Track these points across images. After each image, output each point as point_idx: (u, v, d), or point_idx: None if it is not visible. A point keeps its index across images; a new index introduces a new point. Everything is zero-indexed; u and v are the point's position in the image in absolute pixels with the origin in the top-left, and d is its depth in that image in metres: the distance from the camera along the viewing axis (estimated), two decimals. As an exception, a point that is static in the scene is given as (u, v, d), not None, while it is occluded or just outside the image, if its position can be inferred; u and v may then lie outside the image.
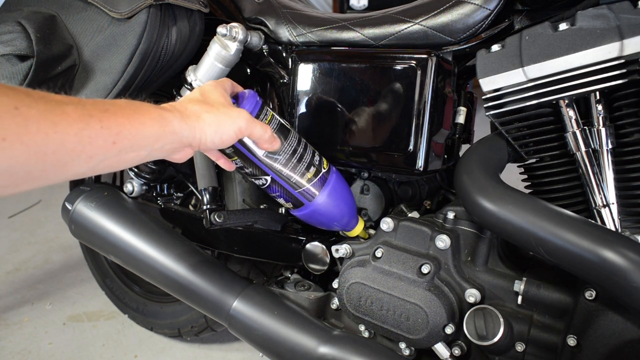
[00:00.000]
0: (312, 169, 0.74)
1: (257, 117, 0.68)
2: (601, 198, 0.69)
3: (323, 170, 0.76)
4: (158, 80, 0.96)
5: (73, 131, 0.44)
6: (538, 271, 0.75)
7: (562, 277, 0.71)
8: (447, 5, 0.76)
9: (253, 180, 0.75)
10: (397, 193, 0.94)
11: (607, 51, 0.61)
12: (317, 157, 0.77)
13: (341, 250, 0.85)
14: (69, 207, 1.05)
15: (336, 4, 3.92)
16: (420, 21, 0.78)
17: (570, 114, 0.68)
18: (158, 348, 1.37)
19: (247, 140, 0.69)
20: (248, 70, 1.01)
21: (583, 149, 0.68)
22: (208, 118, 0.58)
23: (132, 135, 0.50)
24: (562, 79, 0.65)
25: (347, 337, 0.80)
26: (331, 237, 0.92)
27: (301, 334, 0.80)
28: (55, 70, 0.83)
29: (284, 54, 0.95)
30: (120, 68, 0.84)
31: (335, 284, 0.87)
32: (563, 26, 0.64)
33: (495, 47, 0.70)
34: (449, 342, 0.74)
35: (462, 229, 0.77)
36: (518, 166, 0.79)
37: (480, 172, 0.69)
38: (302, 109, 0.89)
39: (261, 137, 0.65)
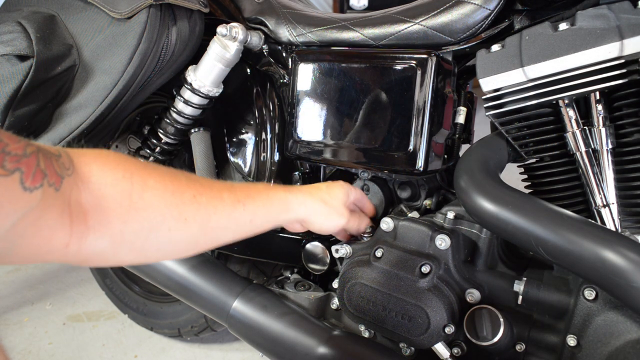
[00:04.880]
0: None
1: None
2: (601, 198, 0.69)
3: None
4: (158, 80, 0.96)
5: (226, 213, 0.59)
6: (538, 271, 0.75)
7: (562, 276, 0.72)
8: (447, 5, 0.76)
9: None
10: (397, 193, 0.94)
11: (607, 51, 0.61)
12: None
13: (341, 250, 0.85)
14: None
15: (336, 4, 3.92)
16: (420, 21, 0.78)
17: (570, 114, 0.68)
18: (158, 348, 1.37)
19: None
20: (248, 70, 1.01)
21: (583, 149, 0.68)
22: (319, 209, 0.74)
23: (264, 215, 0.65)
24: (562, 79, 0.65)
25: (347, 337, 0.80)
26: (331, 237, 0.92)
27: (301, 334, 0.80)
28: (55, 70, 0.83)
29: (284, 54, 0.95)
30: (121, 68, 0.84)
31: (335, 284, 0.87)
32: (563, 26, 0.64)
33: (495, 47, 0.70)
34: (449, 342, 0.74)
35: (462, 229, 0.77)
36: (518, 166, 0.79)
37: (480, 172, 0.69)
38: (302, 109, 0.89)
39: (357, 230, 0.83)
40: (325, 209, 0.75)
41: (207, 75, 0.93)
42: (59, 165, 0.42)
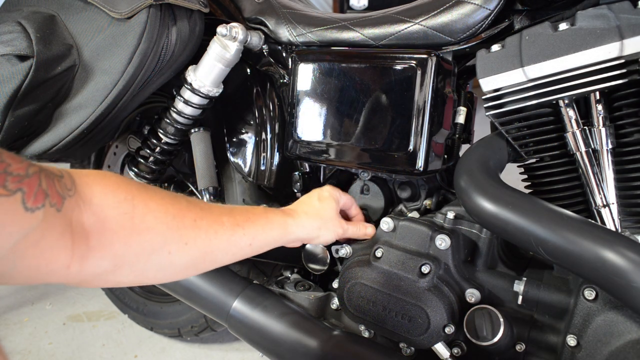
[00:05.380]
0: None
1: None
2: (601, 198, 0.69)
3: None
4: (158, 80, 0.96)
5: (226, 236, 0.60)
6: (538, 271, 0.75)
7: (562, 276, 0.72)
8: (447, 5, 0.76)
9: None
10: (397, 193, 0.94)
11: (607, 51, 0.61)
12: None
13: (341, 250, 0.85)
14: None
15: (336, 4, 3.92)
16: (420, 21, 0.78)
17: (570, 114, 0.68)
18: (158, 348, 1.37)
19: None
20: (248, 70, 1.01)
21: (583, 149, 0.68)
22: (317, 225, 0.76)
23: (263, 238, 0.67)
24: (562, 79, 0.65)
25: (347, 337, 0.80)
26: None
27: (301, 334, 0.80)
28: (55, 70, 0.83)
29: (284, 54, 0.95)
30: (120, 68, 0.84)
31: (335, 284, 0.87)
32: (563, 26, 0.64)
33: (495, 47, 0.70)
34: (449, 342, 0.74)
35: (462, 229, 0.77)
36: (518, 166, 0.79)
37: (480, 172, 0.69)
38: (302, 109, 0.89)
39: (356, 235, 0.83)
40: (322, 223, 0.76)
41: (207, 75, 0.93)
42: (61, 185, 0.42)
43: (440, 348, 0.72)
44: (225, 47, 0.90)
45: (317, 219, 0.76)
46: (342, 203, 0.83)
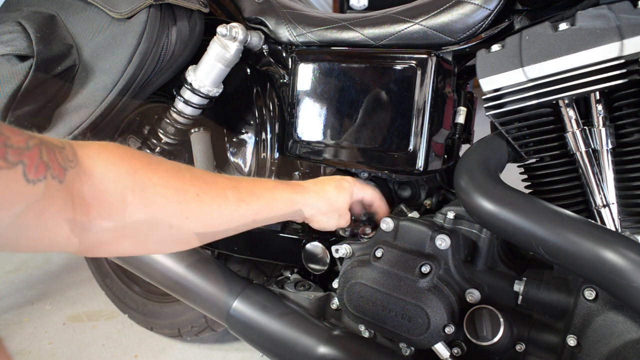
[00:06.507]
0: None
1: None
2: (601, 198, 0.69)
3: None
4: (158, 80, 0.96)
5: (229, 211, 0.59)
6: (538, 271, 0.75)
7: (562, 276, 0.72)
8: (447, 5, 0.76)
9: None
10: (397, 193, 0.94)
11: (607, 51, 0.61)
12: None
13: (341, 250, 0.85)
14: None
15: (336, 4, 3.93)
16: (420, 21, 0.78)
17: (570, 114, 0.68)
18: (158, 348, 1.37)
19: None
20: (248, 70, 1.01)
21: (583, 149, 0.68)
22: (324, 210, 0.76)
23: (267, 213, 0.66)
24: (562, 79, 0.65)
25: (347, 337, 0.80)
26: (331, 237, 0.92)
27: (301, 334, 0.80)
28: (55, 70, 0.83)
29: (284, 54, 0.95)
30: (121, 68, 0.84)
31: (335, 284, 0.87)
32: (563, 26, 0.64)
33: (495, 47, 0.70)
34: (449, 342, 0.74)
35: (462, 229, 0.77)
36: (518, 166, 0.79)
37: (480, 172, 0.69)
38: (302, 109, 0.89)
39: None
40: (329, 209, 0.76)
41: (207, 75, 0.93)
42: (63, 157, 0.42)
43: (440, 348, 0.72)
44: (225, 47, 0.90)
45: (326, 203, 0.75)
46: (366, 198, 0.82)
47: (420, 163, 0.77)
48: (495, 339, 0.67)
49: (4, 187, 0.36)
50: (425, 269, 0.73)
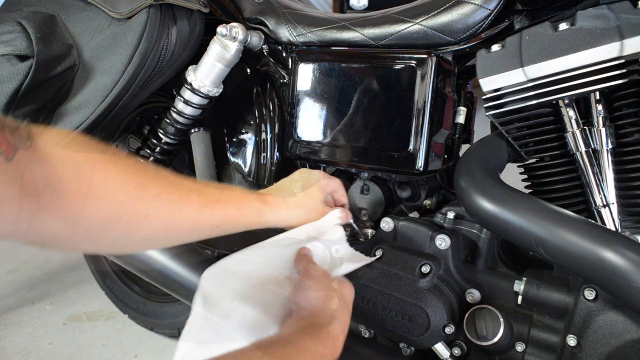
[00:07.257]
0: None
1: None
2: (601, 198, 0.69)
3: None
4: (158, 80, 0.96)
5: (192, 215, 0.57)
6: (538, 271, 0.75)
7: (562, 276, 0.72)
8: (447, 5, 0.76)
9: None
10: (397, 193, 0.94)
11: (607, 51, 0.61)
12: None
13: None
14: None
15: (336, 4, 3.93)
16: (420, 21, 0.78)
17: (570, 114, 0.68)
18: (158, 348, 1.37)
19: None
20: (248, 70, 1.01)
21: (583, 149, 0.68)
22: (294, 214, 0.71)
23: (233, 222, 0.63)
24: (562, 79, 0.65)
25: (347, 337, 0.80)
26: (331, 237, 0.92)
27: (301, 334, 0.80)
28: (55, 70, 0.83)
29: (284, 54, 0.95)
30: (121, 68, 0.84)
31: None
32: (563, 26, 0.64)
33: (495, 47, 0.70)
34: (449, 342, 0.74)
35: (462, 229, 0.77)
36: (518, 166, 0.79)
37: (480, 172, 0.69)
38: (302, 109, 0.89)
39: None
40: (300, 212, 0.73)
41: (207, 75, 0.93)
42: (14, 136, 0.41)
43: (440, 348, 0.72)
44: (225, 47, 0.90)
45: (298, 209, 0.72)
46: (329, 190, 0.78)
47: (420, 163, 0.77)
48: (495, 339, 0.67)
49: None
50: (425, 269, 0.73)
